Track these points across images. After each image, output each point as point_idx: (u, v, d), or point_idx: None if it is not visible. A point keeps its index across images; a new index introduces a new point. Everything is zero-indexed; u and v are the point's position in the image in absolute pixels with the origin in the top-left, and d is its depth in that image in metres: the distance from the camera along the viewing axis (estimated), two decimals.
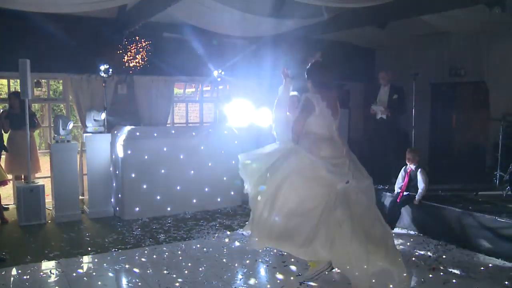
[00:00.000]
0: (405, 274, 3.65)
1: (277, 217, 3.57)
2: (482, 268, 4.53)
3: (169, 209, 6.56)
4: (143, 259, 4.72)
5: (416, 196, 5.62)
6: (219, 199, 6.96)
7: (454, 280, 4.21)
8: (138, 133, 6.49)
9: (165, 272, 4.36)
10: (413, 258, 4.80)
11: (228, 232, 5.68)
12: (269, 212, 3.60)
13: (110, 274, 4.34)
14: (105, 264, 4.58)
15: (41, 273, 4.34)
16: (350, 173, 3.65)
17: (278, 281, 4.15)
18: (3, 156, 6.61)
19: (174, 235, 5.58)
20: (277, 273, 4.33)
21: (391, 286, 3.72)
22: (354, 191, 3.68)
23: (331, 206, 3.54)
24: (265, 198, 3.65)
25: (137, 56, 7.24)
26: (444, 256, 4.86)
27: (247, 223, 4.01)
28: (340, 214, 3.51)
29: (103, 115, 6.52)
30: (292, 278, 4.22)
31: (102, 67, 6.66)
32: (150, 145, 6.43)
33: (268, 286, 4.08)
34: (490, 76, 7.69)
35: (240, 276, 4.28)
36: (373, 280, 3.58)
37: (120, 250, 5.01)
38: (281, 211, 3.58)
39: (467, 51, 8.09)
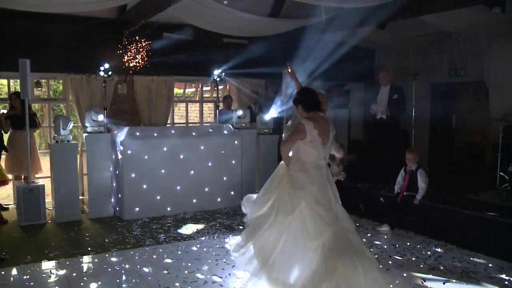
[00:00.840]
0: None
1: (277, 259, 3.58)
2: (482, 268, 4.54)
3: (169, 209, 6.56)
4: (143, 259, 4.72)
5: (416, 196, 5.62)
6: (219, 199, 6.96)
7: (454, 280, 4.21)
8: (138, 133, 6.49)
9: (165, 272, 4.36)
10: (413, 258, 4.80)
11: (228, 233, 5.67)
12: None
13: (110, 274, 4.34)
14: (105, 264, 4.58)
15: (41, 273, 4.34)
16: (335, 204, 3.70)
17: None
18: (3, 156, 6.61)
19: (174, 235, 5.58)
20: None
21: None
22: (340, 217, 3.69)
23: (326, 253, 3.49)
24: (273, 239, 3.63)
25: (137, 56, 7.25)
26: (444, 256, 4.86)
27: (236, 243, 3.92)
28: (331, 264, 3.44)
29: (100, 117, 6.50)
30: None
31: (102, 67, 6.66)
32: (150, 145, 6.43)
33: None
34: (490, 76, 7.69)
35: (240, 276, 4.28)
36: None
37: (120, 250, 5.01)
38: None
39: (467, 51, 8.10)
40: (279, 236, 3.60)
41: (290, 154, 3.78)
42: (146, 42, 7.24)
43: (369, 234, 5.65)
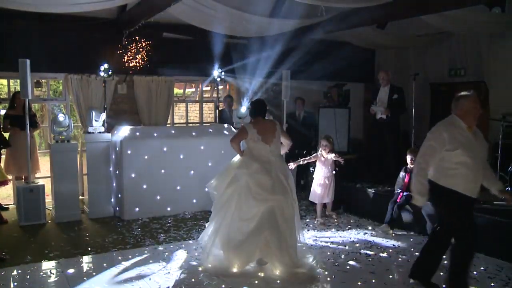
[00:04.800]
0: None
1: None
2: (482, 268, 4.53)
3: (169, 209, 6.56)
4: (143, 259, 4.72)
5: None
6: None
7: None
8: (138, 133, 6.48)
9: (165, 272, 4.37)
10: (413, 259, 4.77)
11: None
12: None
13: (110, 274, 4.34)
14: (105, 264, 4.58)
15: (41, 273, 4.34)
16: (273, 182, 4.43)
17: (278, 281, 4.15)
18: (3, 156, 6.61)
19: (174, 235, 5.58)
20: (277, 272, 4.33)
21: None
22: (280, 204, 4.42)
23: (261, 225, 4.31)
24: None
25: (137, 56, 7.25)
26: (444, 256, 4.85)
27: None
28: (268, 234, 4.27)
29: (103, 116, 6.51)
30: None
31: (102, 67, 6.66)
32: (150, 145, 6.42)
33: (268, 285, 4.08)
34: (490, 76, 7.69)
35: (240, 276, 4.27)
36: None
37: (120, 250, 5.01)
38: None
39: (467, 51, 8.09)
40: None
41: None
42: (146, 42, 7.24)
43: (369, 234, 5.65)
